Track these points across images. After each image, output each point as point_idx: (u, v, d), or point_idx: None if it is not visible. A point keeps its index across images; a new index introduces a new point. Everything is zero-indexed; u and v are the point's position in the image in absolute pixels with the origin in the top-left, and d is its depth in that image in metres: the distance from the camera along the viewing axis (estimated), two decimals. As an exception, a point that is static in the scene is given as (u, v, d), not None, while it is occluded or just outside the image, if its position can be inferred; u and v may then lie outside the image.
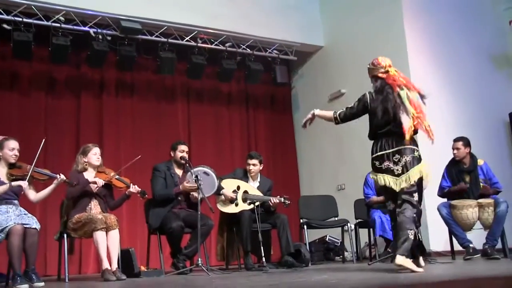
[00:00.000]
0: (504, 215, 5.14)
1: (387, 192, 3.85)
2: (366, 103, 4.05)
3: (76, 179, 4.61)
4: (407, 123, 3.79)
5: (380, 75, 4.11)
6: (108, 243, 4.38)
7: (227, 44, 7.86)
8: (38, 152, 4.36)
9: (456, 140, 5.53)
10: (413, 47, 7.09)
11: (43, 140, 4.48)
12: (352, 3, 8.01)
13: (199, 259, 4.61)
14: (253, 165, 5.72)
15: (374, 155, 3.92)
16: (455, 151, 5.49)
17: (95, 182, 4.60)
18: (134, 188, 4.80)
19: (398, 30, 7.18)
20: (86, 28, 6.90)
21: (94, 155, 4.80)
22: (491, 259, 4.95)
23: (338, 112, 4.11)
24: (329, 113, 4.16)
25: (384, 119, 3.89)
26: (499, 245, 5.30)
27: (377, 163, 3.90)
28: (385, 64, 4.10)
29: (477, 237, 5.33)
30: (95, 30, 6.90)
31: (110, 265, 4.32)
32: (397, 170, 3.77)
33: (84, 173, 4.77)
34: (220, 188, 5.32)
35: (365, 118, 7.81)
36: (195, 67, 7.63)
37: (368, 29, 7.67)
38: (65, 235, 4.64)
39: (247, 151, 8.18)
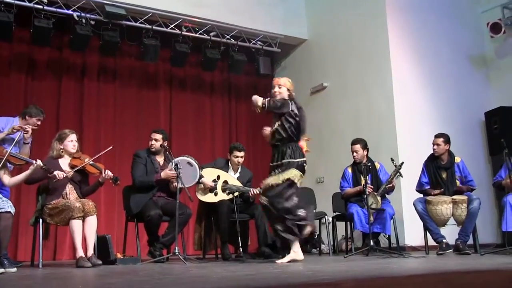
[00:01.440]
0: (477, 212, 5.26)
1: None
2: (289, 107, 4.45)
3: (51, 165, 4.56)
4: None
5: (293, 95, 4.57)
6: (85, 229, 4.35)
7: (211, 34, 7.83)
8: (17, 137, 4.31)
9: (437, 136, 5.61)
10: (395, 44, 7.17)
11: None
12: (336, -3, 8.06)
13: (176, 247, 4.63)
14: (241, 157, 5.75)
15: (303, 159, 4.52)
16: (435, 147, 5.57)
17: (54, 176, 4.48)
18: (106, 175, 4.74)
19: (381, 27, 7.24)
20: (70, 12, 6.81)
21: (70, 142, 4.73)
22: (462, 254, 5.07)
23: (266, 101, 4.37)
24: (260, 100, 4.40)
25: (303, 132, 4.58)
26: (470, 241, 5.43)
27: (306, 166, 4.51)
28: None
29: (450, 233, 5.45)
30: (78, 14, 6.81)
31: (86, 251, 4.30)
32: None
33: (60, 160, 4.72)
34: (200, 176, 5.33)
35: (348, 115, 7.91)
36: (179, 55, 7.60)
37: (352, 24, 7.72)
38: (40, 220, 4.58)
39: (228, 140, 8.20)
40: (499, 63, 7.79)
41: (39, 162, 4.33)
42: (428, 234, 5.49)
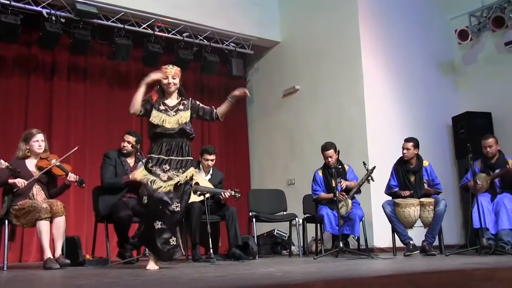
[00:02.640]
0: (442, 214, 5.40)
1: None
2: None
3: (18, 166, 4.46)
4: None
5: None
6: (53, 230, 4.28)
7: (184, 34, 7.81)
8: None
9: (407, 140, 5.70)
10: (367, 49, 7.28)
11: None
12: (310, 1, 8.13)
13: (146, 249, 4.59)
14: (211, 160, 5.75)
15: None
16: (405, 151, 5.66)
17: (15, 184, 4.39)
18: (72, 177, 4.67)
19: (353, 32, 7.35)
20: (39, 8, 6.68)
21: (36, 142, 4.63)
22: (428, 255, 5.18)
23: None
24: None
25: None
26: (436, 242, 5.56)
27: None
28: None
29: (417, 235, 5.57)
30: (48, 11, 6.69)
31: (54, 253, 4.23)
32: None
33: (26, 160, 4.63)
34: None
35: (319, 118, 7.98)
36: (151, 55, 7.54)
37: (325, 29, 7.81)
38: (6, 221, 4.47)
39: (200, 142, 8.18)
40: (466, 69, 8.01)
41: (2, 162, 4.24)
42: (396, 236, 5.60)
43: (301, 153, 7.96)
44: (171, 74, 4.07)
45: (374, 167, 5.63)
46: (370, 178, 5.61)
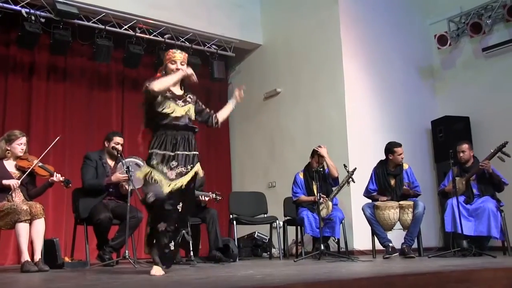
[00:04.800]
0: (421, 217, 5.48)
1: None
2: None
3: None
4: None
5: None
6: (32, 233, 4.22)
7: (166, 36, 7.77)
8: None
9: (399, 146, 5.72)
10: (347, 52, 7.34)
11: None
12: (292, 5, 8.16)
13: (127, 251, 4.56)
14: None
15: None
16: (403, 155, 5.70)
17: (8, 186, 4.35)
18: (57, 177, 4.62)
19: (334, 35, 7.40)
20: (18, 8, 6.58)
21: (19, 145, 4.57)
22: (407, 258, 5.25)
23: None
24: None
25: None
26: (415, 244, 5.63)
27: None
28: None
29: (396, 237, 5.63)
30: (27, 10, 6.60)
31: (34, 256, 4.17)
32: None
33: (4, 161, 4.56)
34: None
35: (300, 120, 8.02)
36: (132, 56, 7.50)
37: (306, 32, 7.86)
38: (-17, 224, 4.40)
39: (181, 144, 8.14)
40: (445, 74, 8.13)
41: None
42: (376, 239, 5.66)
43: (281, 156, 7.99)
44: (180, 60, 3.77)
45: (355, 169, 5.69)
46: (351, 179, 5.66)
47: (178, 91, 3.75)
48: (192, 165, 3.57)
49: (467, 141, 5.98)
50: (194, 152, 3.62)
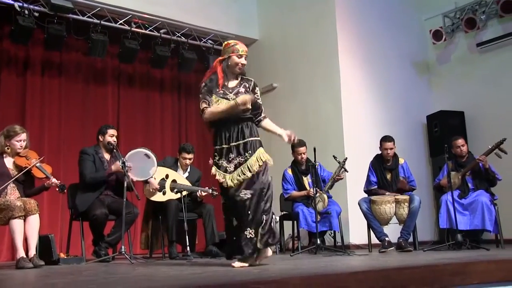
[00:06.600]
0: (417, 211, 5.50)
1: None
2: None
3: None
4: None
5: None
6: (27, 229, 4.19)
7: (161, 31, 7.75)
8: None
9: (388, 140, 5.73)
10: (343, 47, 7.34)
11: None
12: (288, 0, 8.16)
13: (123, 246, 4.56)
14: (189, 159, 5.73)
15: None
16: (389, 151, 5.71)
17: None
18: (54, 182, 4.54)
19: (330, 31, 7.40)
20: (10, 1, 6.53)
21: (18, 141, 4.50)
22: (404, 252, 5.27)
23: None
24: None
25: None
26: (410, 239, 5.66)
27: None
28: None
29: (393, 231, 5.65)
30: (20, 4, 6.56)
31: (28, 252, 4.15)
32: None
33: (5, 157, 4.52)
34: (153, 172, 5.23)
35: (296, 115, 7.97)
36: (128, 51, 7.47)
37: (302, 27, 7.85)
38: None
39: (178, 139, 8.15)
40: (440, 69, 8.15)
41: None
42: (372, 233, 5.67)
43: (278, 151, 7.96)
44: (245, 54, 3.71)
45: (345, 159, 5.68)
46: (344, 169, 5.65)
47: (233, 82, 3.77)
48: (250, 152, 3.58)
49: (461, 136, 6.01)
50: (251, 139, 3.63)
